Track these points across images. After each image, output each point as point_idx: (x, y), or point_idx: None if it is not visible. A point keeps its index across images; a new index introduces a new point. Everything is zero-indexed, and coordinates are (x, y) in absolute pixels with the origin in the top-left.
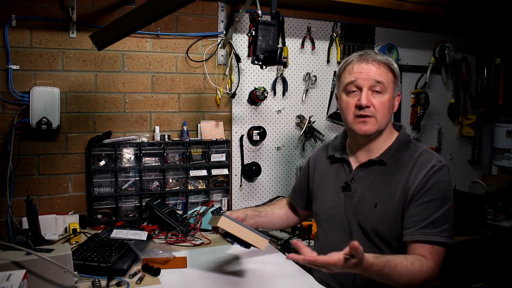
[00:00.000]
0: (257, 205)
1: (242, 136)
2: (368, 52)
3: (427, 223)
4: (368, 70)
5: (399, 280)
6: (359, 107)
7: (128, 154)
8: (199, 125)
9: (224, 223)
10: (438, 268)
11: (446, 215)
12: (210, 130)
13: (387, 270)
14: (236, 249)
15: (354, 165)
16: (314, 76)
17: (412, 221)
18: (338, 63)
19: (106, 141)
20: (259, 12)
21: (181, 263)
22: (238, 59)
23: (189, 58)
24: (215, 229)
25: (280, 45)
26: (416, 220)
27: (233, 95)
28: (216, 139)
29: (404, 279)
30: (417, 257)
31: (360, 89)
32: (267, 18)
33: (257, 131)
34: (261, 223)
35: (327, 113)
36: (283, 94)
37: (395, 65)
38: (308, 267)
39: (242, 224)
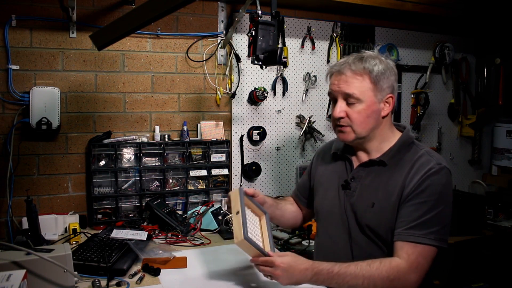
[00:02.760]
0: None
1: (242, 136)
2: (348, 60)
3: (414, 224)
4: (339, 82)
5: (356, 282)
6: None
7: (128, 154)
8: (199, 125)
9: (243, 245)
10: (413, 268)
11: (436, 218)
12: (210, 130)
13: (337, 268)
14: (236, 249)
15: (355, 164)
16: (314, 76)
17: (400, 221)
18: None
19: (106, 141)
20: (259, 12)
21: (181, 263)
22: (238, 59)
23: (189, 58)
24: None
25: (280, 45)
26: (404, 221)
27: (233, 95)
28: (216, 139)
29: (360, 280)
30: (378, 259)
31: (335, 100)
32: (267, 18)
33: (257, 131)
34: (275, 215)
35: (327, 113)
36: (283, 94)
37: (376, 70)
38: None
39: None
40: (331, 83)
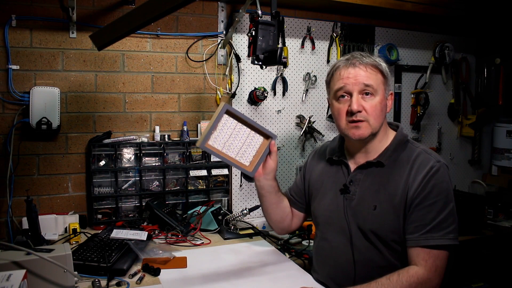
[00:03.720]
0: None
1: None
2: (354, 56)
3: (431, 227)
4: (355, 74)
5: None
6: (351, 112)
7: (128, 154)
8: (199, 125)
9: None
10: (433, 273)
11: (449, 217)
12: None
13: None
14: (236, 249)
15: (352, 167)
16: (314, 76)
17: (415, 226)
18: None
19: (106, 141)
20: (259, 12)
21: (181, 263)
22: (238, 59)
23: (189, 58)
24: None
25: (280, 45)
26: (420, 225)
27: (233, 95)
28: None
29: None
30: (395, 272)
31: (350, 94)
32: (267, 18)
33: None
34: (271, 200)
35: (327, 113)
36: (283, 94)
37: (384, 65)
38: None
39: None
40: (344, 77)
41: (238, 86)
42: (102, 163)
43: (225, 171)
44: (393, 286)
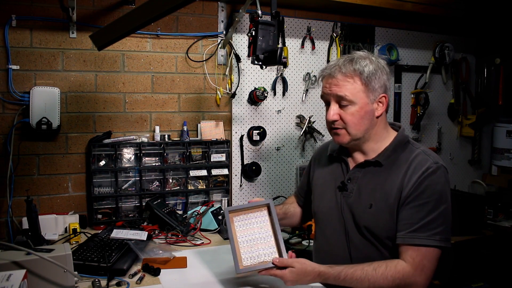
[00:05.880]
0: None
1: (242, 136)
2: (337, 63)
3: (418, 226)
4: (331, 84)
5: (362, 286)
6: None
7: (128, 154)
8: (199, 125)
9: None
10: (419, 272)
11: (439, 218)
12: (210, 130)
13: (343, 275)
14: None
15: (351, 165)
16: (314, 76)
17: (403, 224)
18: None
19: (106, 141)
20: (259, 12)
21: (181, 263)
22: (238, 59)
23: (189, 58)
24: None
25: (280, 45)
26: (407, 224)
27: (233, 95)
28: (216, 139)
29: (365, 284)
30: (384, 262)
31: (328, 103)
32: (267, 18)
33: (257, 131)
34: (288, 223)
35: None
36: (283, 94)
37: (366, 71)
38: None
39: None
40: (323, 86)
41: (238, 86)
42: (102, 163)
43: (225, 171)
44: (377, 279)
